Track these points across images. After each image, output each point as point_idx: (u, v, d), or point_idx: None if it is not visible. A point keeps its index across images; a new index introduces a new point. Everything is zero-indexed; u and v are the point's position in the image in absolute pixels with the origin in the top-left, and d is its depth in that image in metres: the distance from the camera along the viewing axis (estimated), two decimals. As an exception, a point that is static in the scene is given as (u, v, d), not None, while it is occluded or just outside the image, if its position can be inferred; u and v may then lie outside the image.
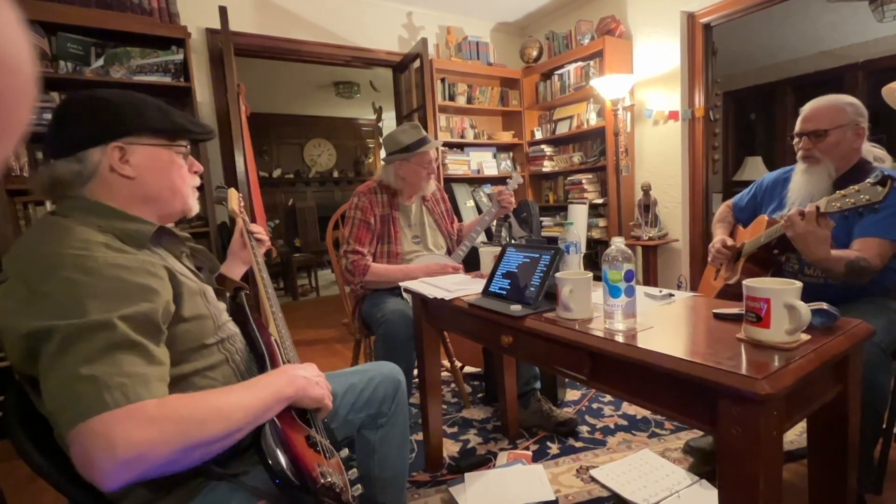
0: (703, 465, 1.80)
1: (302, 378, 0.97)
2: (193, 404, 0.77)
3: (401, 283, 1.92)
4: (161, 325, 0.82)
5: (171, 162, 1.00)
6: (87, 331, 0.72)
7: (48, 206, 2.51)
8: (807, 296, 0.94)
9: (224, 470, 0.87)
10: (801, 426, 1.61)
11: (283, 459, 0.83)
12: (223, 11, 2.90)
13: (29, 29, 0.28)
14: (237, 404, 0.82)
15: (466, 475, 1.84)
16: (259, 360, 1.04)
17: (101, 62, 2.71)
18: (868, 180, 1.22)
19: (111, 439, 0.66)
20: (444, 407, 2.48)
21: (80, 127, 0.90)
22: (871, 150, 1.67)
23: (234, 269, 1.40)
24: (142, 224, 0.93)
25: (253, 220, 2.88)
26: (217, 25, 2.96)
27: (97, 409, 0.68)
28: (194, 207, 1.07)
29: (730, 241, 1.79)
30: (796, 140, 1.69)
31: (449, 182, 4.34)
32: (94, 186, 0.91)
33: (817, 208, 1.32)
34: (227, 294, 1.17)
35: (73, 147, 0.89)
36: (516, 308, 1.35)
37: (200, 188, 2.87)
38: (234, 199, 1.46)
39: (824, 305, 1.03)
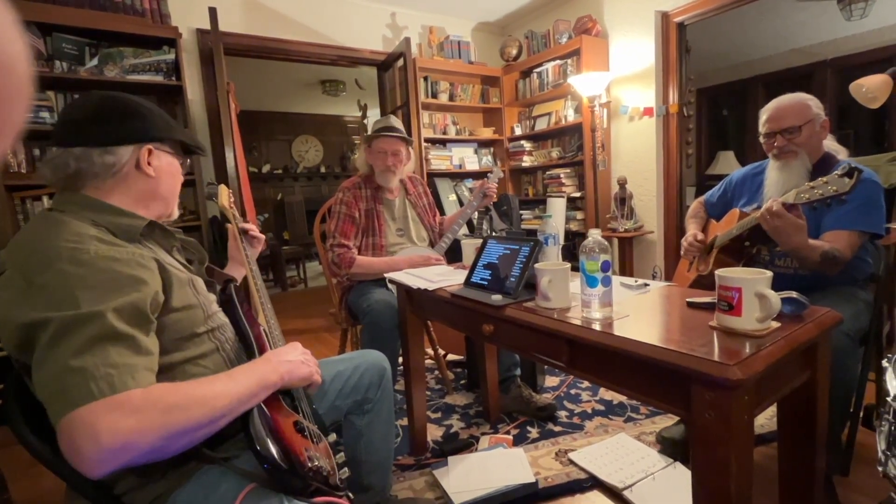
0: (675, 454, 1.82)
1: (286, 363, 0.99)
2: (178, 393, 0.78)
3: (385, 275, 1.95)
4: (150, 314, 0.83)
5: (179, 171, 1.10)
6: (78, 323, 0.73)
7: (45, 201, 2.59)
8: (777, 285, 0.95)
9: (215, 454, 0.88)
10: (772, 410, 1.61)
11: (271, 444, 0.84)
12: (213, 12, 2.95)
13: (25, 30, 0.29)
14: (221, 392, 0.83)
15: (450, 458, 1.86)
16: (248, 348, 1.06)
17: (95, 62, 2.77)
18: (836, 172, 1.24)
19: (96, 429, 0.68)
20: (428, 393, 2.53)
21: (121, 124, 0.96)
22: (829, 144, 1.72)
23: (233, 272, 1.43)
24: (133, 218, 0.95)
25: (243, 214, 2.96)
26: (207, 26, 3.01)
27: (84, 399, 0.69)
28: (176, 213, 1.15)
29: (700, 236, 1.83)
30: (767, 139, 1.70)
31: (432, 177, 4.40)
32: (111, 180, 0.96)
33: (783, 203, 1.36)
34: (217, 285, 1.19)
35: (111, 141, 0.94)
36: (497, 298, 1.36)
37: (187, 184, 2.97)
38: (224, 194, 1.49)
39: (794, 294, 1.04)
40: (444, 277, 1.70)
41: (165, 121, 1.05)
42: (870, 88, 2.19)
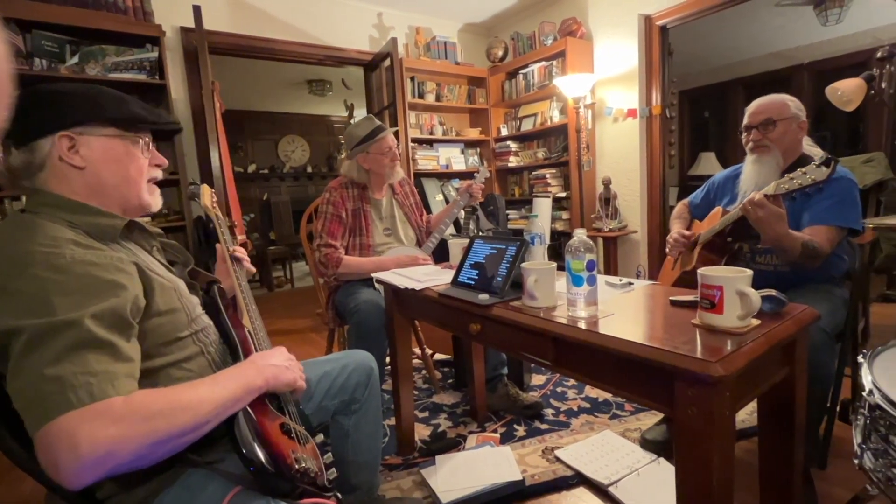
0: (658, 453, 1.83)
1: (271, 367, 0.97)
2: (160, 399, 0.76)
3: (373, 275, 1.95)
4: (130, 319, 0.81)
5: (127, 153, 0.96)
6: (53, 330, 0.71)
7: (24, 200, 2.55)
8: (757, 283, 0.98)
9: (200, 457, 0.87)
10: (752, 406, 1.61)
11: (257, 448, 0.83)
12: (197, 10, 2.94)
13: (3, 26, 0.28)
14: (205, 398, 0.80)
15: (437, 458, 1.87)
16: (232, 350, 1.04)
17: (76, 60, 2.73)
18: (813, 162, 1.31)
19: (75, 439, 0.65)
20: (416, 393, 2.53)
21: (32, 118, 0.88)
22: (810, 149, 1.77)
23: (219, 275, 1.37)
24: (111, 219, 0.92)
25: (227, 214, 2.94)
26: (191, 24, 3.00)
27: (61, 408, 0.66)
28: (152, 204, 1.03)
29: (686, 232, 1.87)
30: (745, 133, 1.76)
31: (418, 177, 4.41)
32: (48, 177, 0.89)
33: (765, 195, 1.41)
34: (200, 288, 1.15)
35: (26, 138, 0.87)
36: (484, 297, 1.37)
37: (171, 184, 2.93)
38: (207, 194, 1.47)
39: (773, 292, 1.06)
40: (432, 277, 1.71)
41: (93, 101, 0.93)
42: (845, 92, 2.26)
